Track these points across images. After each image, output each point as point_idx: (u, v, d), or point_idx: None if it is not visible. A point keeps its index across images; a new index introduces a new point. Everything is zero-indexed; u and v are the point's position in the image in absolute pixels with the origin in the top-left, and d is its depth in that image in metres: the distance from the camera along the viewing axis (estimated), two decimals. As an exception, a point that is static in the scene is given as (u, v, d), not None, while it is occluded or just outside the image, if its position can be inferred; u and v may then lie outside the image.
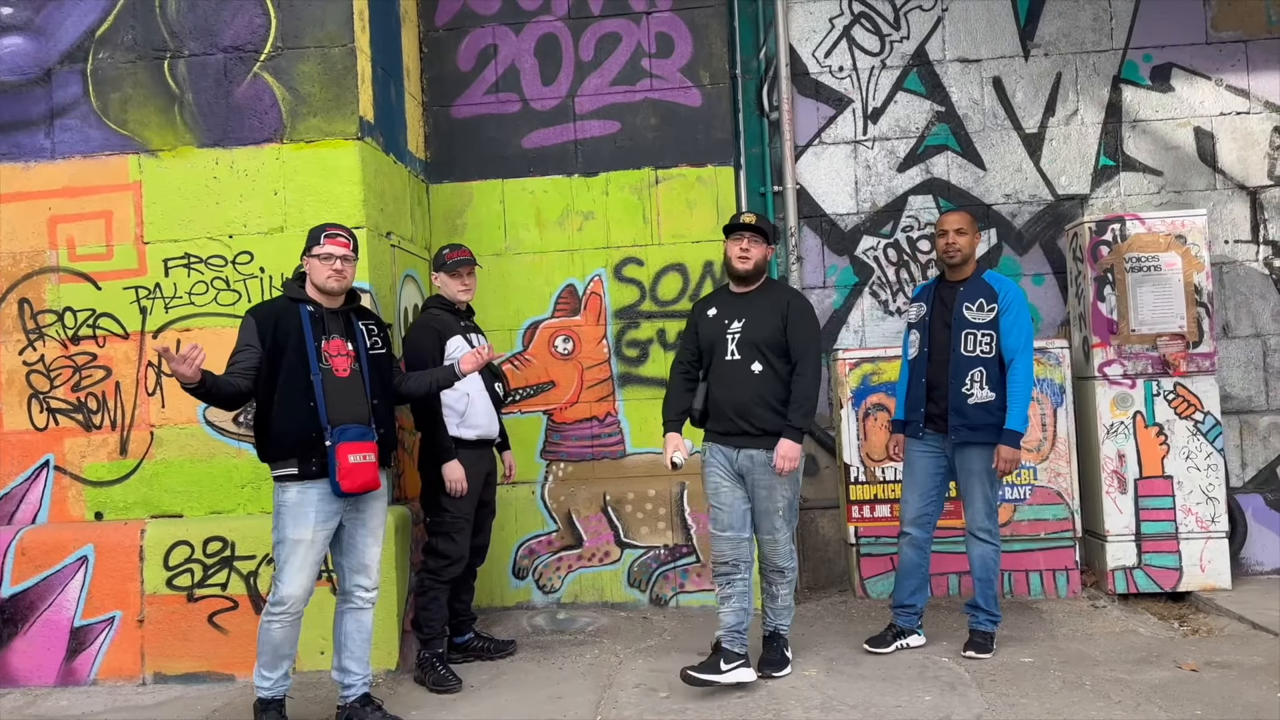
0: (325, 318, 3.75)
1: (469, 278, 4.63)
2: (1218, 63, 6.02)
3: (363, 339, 3.84)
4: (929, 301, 4.53)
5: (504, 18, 5.87)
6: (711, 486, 4.25)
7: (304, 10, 4.77)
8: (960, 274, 4.48)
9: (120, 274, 4.84)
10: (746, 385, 4.11)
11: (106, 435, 4.83)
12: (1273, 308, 5.96)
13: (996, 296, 4.36)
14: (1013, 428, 4.29)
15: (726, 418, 4.15)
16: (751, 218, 4.22)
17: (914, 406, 4.53)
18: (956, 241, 4.43)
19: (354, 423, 3.67)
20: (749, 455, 4.14)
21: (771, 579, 4.30)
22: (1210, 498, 5.35)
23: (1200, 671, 4.17)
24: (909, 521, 4.55)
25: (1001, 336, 4.32)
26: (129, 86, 4.86)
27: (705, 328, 4.26)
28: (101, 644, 4.65)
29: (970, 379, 4.34)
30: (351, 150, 4.72)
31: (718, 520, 4.23)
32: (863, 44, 6.15)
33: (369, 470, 3.67)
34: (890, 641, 4.55)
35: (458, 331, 4.53)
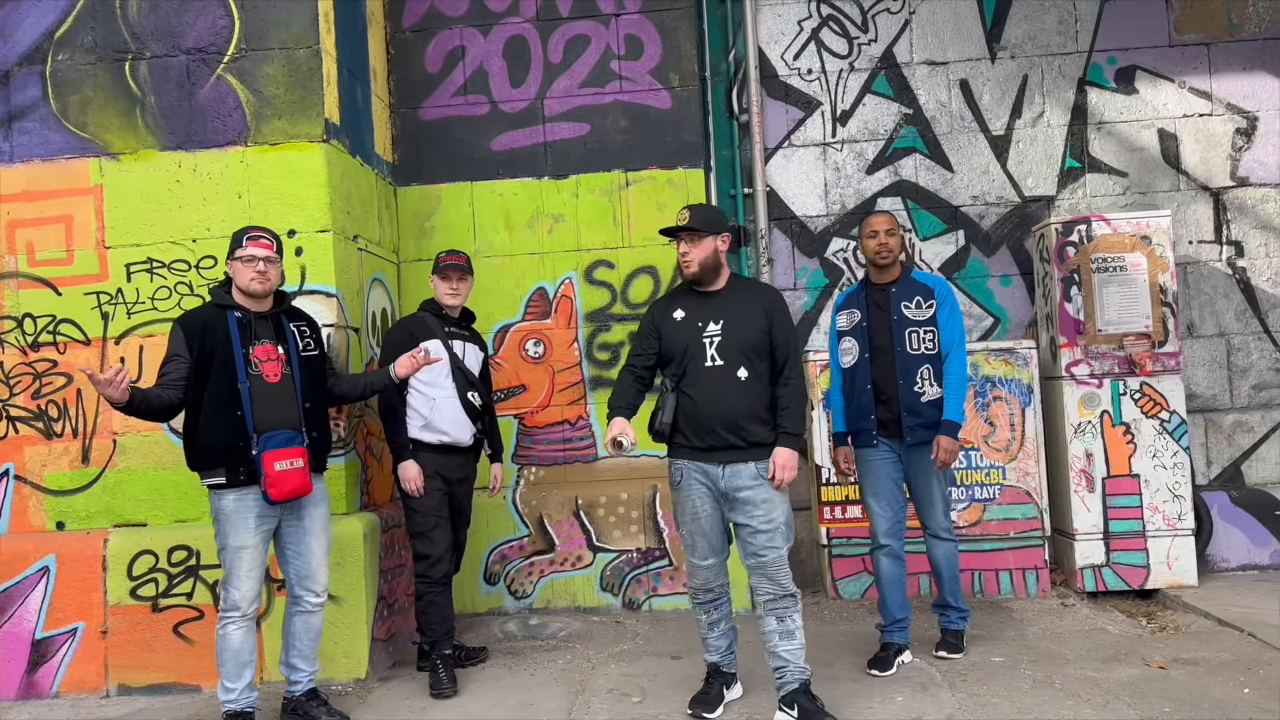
0: (253, 323, 3.74)
1: (459, 282, 4.58)
2: (1180, 65, 6.09)
3: (294, 341, 3.82)
4: (860, 307, 4.39)
5: (472, 19, 5.84)
6: (689, 511, 3.77)
7: (268, 11, 4.71)
8: (890, 275, 4.40)
9: (81, 279, 4.76)
10: (734, 394, 3.66)
11: (68, 443, 4.75)
12: (1235, 307, 6.04)
13: (932, 293, 4.33)
14: (952, 419, 4.26)
15: (710, 431, 3.67)
16: (685, 216, 3.75)
17: (861, 415, 4.35)
18: (888, 242, 4.35)
19: (283, 428, 3.68)
20: (735, 471, 3.68)
21: (783, 610, 3.70)
22: (1177, 496, 5.41)
23: (1168, 669, 4.20)
24: (884, 534, 4.37)
25: (940, 331, 4.29)
26: (89, 89, 4.78)
27: (673, 332, 3.79)
28: (64, 656, 4.57)
29: (920, 377, 4.26)
30: (317, 153, 4.66)
31: (697, 548, 3.80)
32: (831, 46, 6.17)
33: (297, 476, 3.66)
34: (892, 661, 4.32)
35: (437, 335, 4.48)
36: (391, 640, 4.83)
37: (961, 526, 5.45)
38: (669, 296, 3.98)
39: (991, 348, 5.53)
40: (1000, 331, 6.06)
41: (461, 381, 4.51)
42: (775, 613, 3.70)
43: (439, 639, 4.40)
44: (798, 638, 3.70)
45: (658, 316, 3.89)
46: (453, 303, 4.59)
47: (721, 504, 3.75)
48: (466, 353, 4.59)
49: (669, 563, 5.51)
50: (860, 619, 5.17)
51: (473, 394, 4.55)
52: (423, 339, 4.43)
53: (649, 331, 3.89)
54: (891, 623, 4.42)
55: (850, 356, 4.40)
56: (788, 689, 3.69)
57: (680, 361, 3.75)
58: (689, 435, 3.73)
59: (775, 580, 3.68)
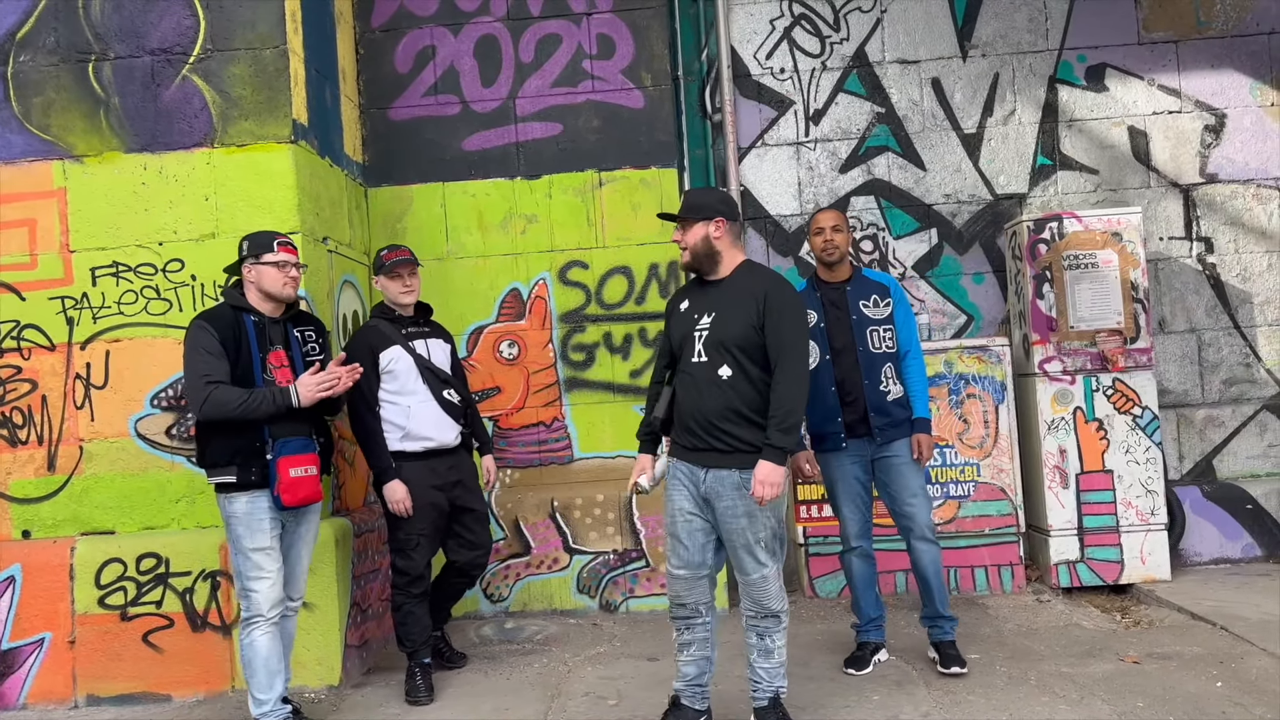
0: (268, 328, 3.72)
1: (410, 278, 4.42)
2: (1150, 63, 6.13)
3: (298, 347, 3.80)
4: (815, 307, 4.26)
5: (442, 18, 5.79)
6: (670, 509, 3.55)
7: (234, 11, 4.65)
8: (839, 273, 4.32)
9: (45, 284, 4.68)
10: (712, 393, 3.40)
11: (33, 451, 4.67)
12: (1206, 303, 6.08)
13: (888, 291, 4.28)
14: (924, 415, 4.24)
15: (691, 430, 3.47)
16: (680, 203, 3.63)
17: (828, 418, 4.21)
18: (834, 239, 4.26)
19: (296, 435, 3.66)
20: (718, 477, 3.42)
21: (764, 628, 3.50)
22: (1149, 491, 5.44)
23: (1142, 664, 4.22)
24: (855, 536, 4.30)
25: (898, 329, 4.25)
26: (52, 90, 4.70)
27: (676, 324, 3.59)
28: (31, 667, 4.49)
29: (884, 376, 4.19)
30: (285, 154, 4.61)
31: (676, 554, 3.54)
32: (803, 45, 6.17)
33: (310, 484, 3.66)
34: (869, 660, 4.30)
35: (396, 341, 4.33)
36: (365, 646, 4.78)
37: (937, 524, 5.44)
38: (685, 287, 3.74)
39: (965, 345, 5.55)
40: (973, 329, 6.08)
41: (434, 382, 4.38)
42: (756, 629, 3.52)
43: (418, 648, 4.33)
44: (776, 657, 3.51)
45: (670, 308, 3.73)
46: (408, 300, 4.43)
47: (705, 509, 3.48)
48: (432, 350, 4.45)
49: (646, 564, 5.48)
50: (837, 618, 5.17)
51: (449, 392, 4.42)
52: (381, 348, 4.30)
53: (666, 326, 3.72)
54: (867, 622, 4.39)
55: (810, 359, 4.12)
56: (758, 704, 3.56)
57: (679, 354, 3.57)
58: (677, 432, 3.57)
59: (758, 599, 3.47)
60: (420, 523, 4.30)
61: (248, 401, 3.56)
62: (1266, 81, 6.10)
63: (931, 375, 5.39)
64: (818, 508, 5.56)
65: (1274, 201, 6.09)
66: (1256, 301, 6.08)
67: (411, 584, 4.31)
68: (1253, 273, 6.09)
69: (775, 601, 3.46)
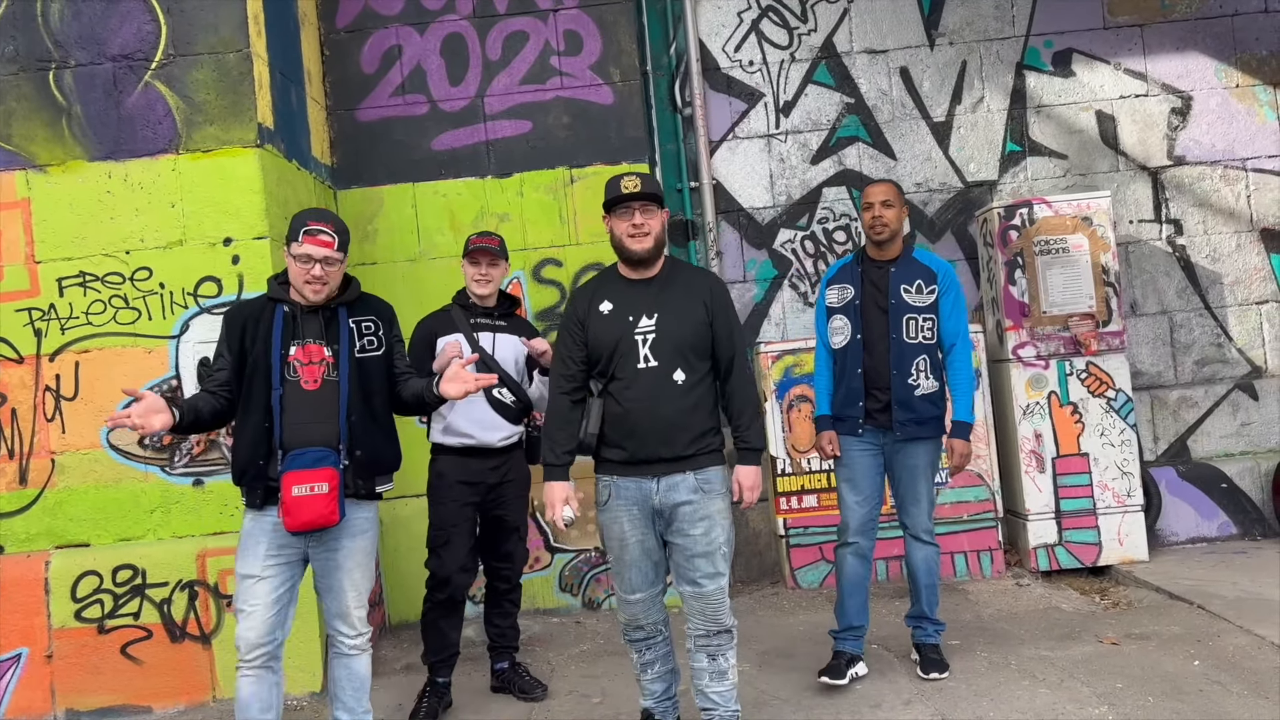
0: (300, 318, 3.22)
1: (489, 267, 4.11)
2: (1115, 47, 6.16)
3: (349, 339, 3.25)
4: (855, 283, 4.01)
5: (407, 18, 5.76)
6: (616, 536, 3.25)
7: (195, 15, 4.61)
8: (889, 252, 4.02)
9: (12, 295, 4.61)
10: (670, 400, 3.17)
11: (4, 465, 4.61)
12: (1177, 285, 6.13)
13: (935, 277, 3.96)
14: (964, 419, 3.95)
15: (642, 442, 3.18)
16: (635, 183, 3.24)
17: (850, 401, 3.98)
18: (884, 215, 3.95)
19: (315, 445, 3.13)
20: (671, 484, 3.19)
21: (717, 647, 3.25)
22: (1125, 473, 5.48)
23: (1121, 644, 4.26)
24: (855, 530, 4.01)
25: (942, 321, 3.93)
26: (12, 100, 4.64)
27: (601, 327, 3.26)
28: (8, 683, 4.44)
29: (915, 368, 3.89)
30: (251, 158, 4.57)
31: (627, 581, 3.28)
32: (771, 37, 6.16)
33: (318, 504, 3.08)
34: (845, 671, 3.99)
35: (461, 329, 4.07)
36: (347, 651, 4.76)
37: (916, 512, 5.48)
38: (592, 285, 3.41)
39: (940, 333, 5.56)
40: (948, 316, 6.09)
41: None
42: (707, 650, 3.25)
43: (436, 664, 4.08)
44: (730, 678, 3.28)
45: (581, 310, 3.33)
46: (482, 290, 4.11)
47: (655, 524, 3.24)
48: (497, 345, 4.12)
49: (627, 560, 5.47)
50: (819, 607, 5.18)
51: (501, 390, 4.04)
52: (442, 335, 4.06)
53: (573, 330, 3.33)
54: (846, 629, 4.09)
55: (842, 336, 4.01)
56: None
57: (609, 362, 3.23)
58: (619, 447, 3.22)
59: (712, 616, 3.22)
60: (449, 517, 4.03)
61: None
62: (1231, 63, 6.15)
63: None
64: (798, 499, 5.57)
65: (1241, 182, 6.14)
66: (1226, 282, 6.13)
67: (437, 588, 4.03)
68: (1222, 253, 6.14)
69: (729, 615, 3.25)
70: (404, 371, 3.42)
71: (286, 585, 3.20)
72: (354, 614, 3.28)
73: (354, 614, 3.28)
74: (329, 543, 3.22)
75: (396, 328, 3.44)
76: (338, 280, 3.25)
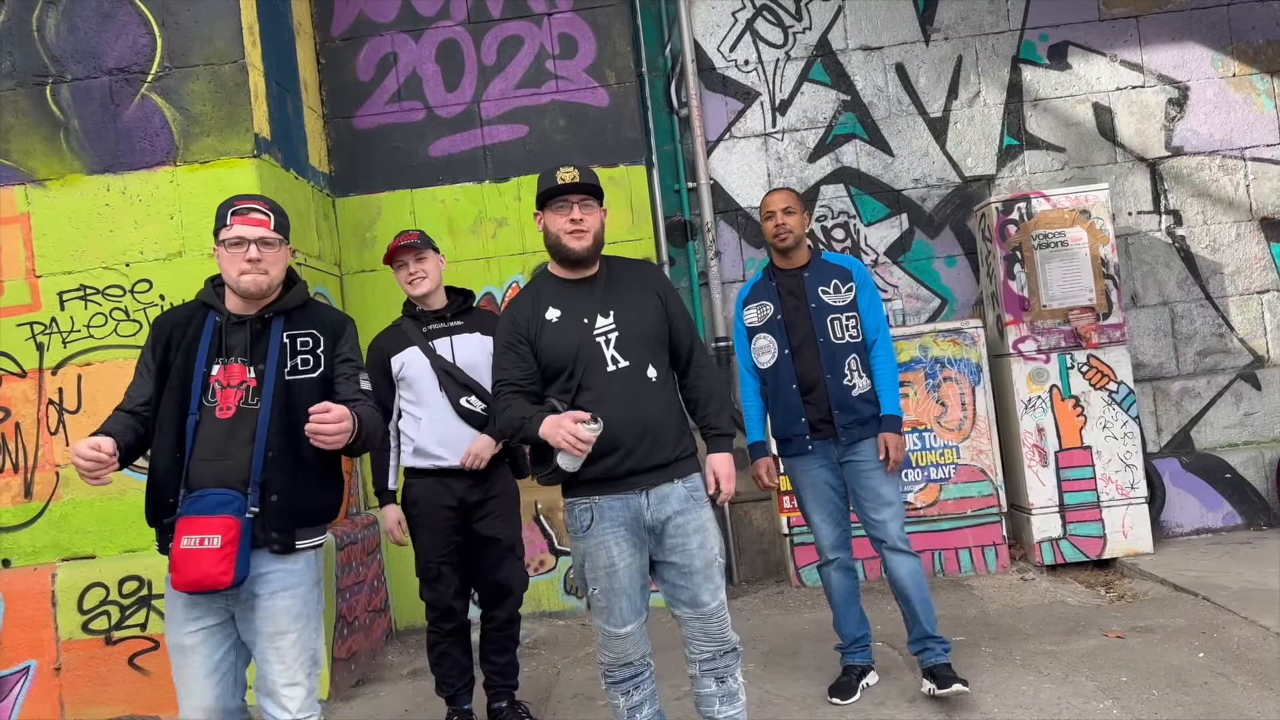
0: (228, 331, 2.67)
1: (416, 264, 3.78)
2: (1111, 39, 6.15)
3: (280, 357, 2.68)
4: (771, 298, 3.88)
5: (402, 25, 5.77)
6: (604, 564, 2.87)
7: (190, 28, 4.63)
8: (796, 259, 3.89)
9: (13, 310, 4.64)
10: (648, 399, 2.88)
11: (9, 478, 4.64)
12: (1177, 275, 6.12)
13: (850, 275, 3.85)
14: (893, 412, 3.78)
15: (628, 451, 2.84)
16: (573, 174, 2.89)
17: (791, 418, 3.82)
18: (786, 222, 3.84)
19: (221, 486, 2.56)
20: (661, 495, 2.88)
21: (724, 669, 2.97)
22: (1128, 465, 5.47)
23: (1125, 637, 4.26)
24: (830, 548, 3.87)
25: (862, 316, 3.82)
26: (10, 115, 4.66)
27: (553, 338, 2.89)
28: (17, 696, 4.47)
29: (848, 368, 3.76)
30: (248, 168, 4.59)
31: (617, 614, 2.90)
32: (766, 36, 6.17)
33: (206, 561, 2.48)
34: (856, 686, 3.88)
35: (414, 342, 3.77)
36: (352, 659, 4.78)
37: (919, 507, 5.49)
38: (529, 294, 3.01)
39: (939, 329, 5.57)
40: (947, 312, 6.10)
41: (451, 387, 3.74)
42: (714, 673, 2.97)
43: (458, 691, 3.84)
44: (741, 697, 3.01)
45: (522, 323, 2.94)
46: (420, 290, 3.79)
47: (645, 545, 2.92)
48: (458, 349, 3.80)
49: (631, 562, 5.48)
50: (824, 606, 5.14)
51: (468, 399, 3.74)
52: (394, 353, 3.78)
53: (518, 346, 2.92)
54: (851, 643, 3.97)
55: (769, 355, 3.85)
56: None
57: (571, 373, 2.88)
58: (598, 465, 2.82)
59: (717, 635, 2.94)
60: (435, 549, 3.74)
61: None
62: (1227, 52, 6.14)
63: (907, 360, 5.44)
64: (801, 497, 5.56)
65: (1240, 172, 6.13)
66: (1227, 272, 6.12)
67: (440, 619, 3.77)
68: (1222, 243, 6.13)
69: (732, 632, 2.98)
70: (351, 399, 2.72)
71: (223, 649, 2.66)
72: (282, 692, 2.64)
73: (282, 692, 2.64)
74: (244, 602, 2.64)
75: (348, 345, 2.82)
76: (278, 272, 2.70)
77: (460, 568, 3.80)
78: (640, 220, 5.71)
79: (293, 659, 2.66)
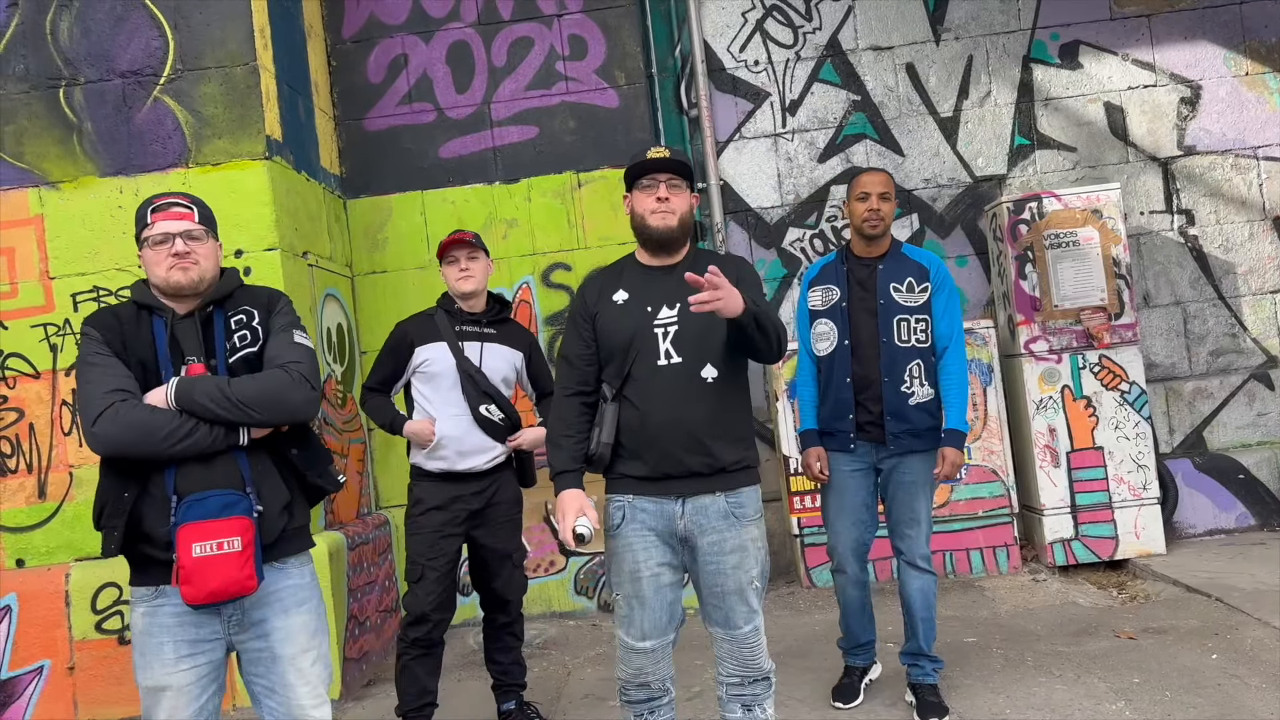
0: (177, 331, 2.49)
1: (468, 261, 3.70)
2: (1123, 38, 6.13)
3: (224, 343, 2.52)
4: (839, 283, 3.67)
5: (412, 26, 5.79)
6: (628, 567, 2.73)
7: (202, 30, 4.65)
8: (878, 248, 3.67)
9: (27, 312, 4.67)
10: (697, 401, 2.70)
11: (23, 479, 4.66)
12: (1189, 275, 6.09)
13: (928, 274, 3.62)
14: (958, 427, 3.58)
15: (664, 452, 2.69)
16: (665, 151, 2.79)
17: (839, 413, 3.63)
18: (881, 209, 3.59)
19: (217, 488, 2.37)
20: (699, 507, 2.71)
21: (753, 697, 2.80)
22: (1141, 465, 5.45)
23: (1138, 639, 4.24)
24: (845, 555, 3.72)
25: (935, 321, 3.59)
26: (24, 118, 4.69)
27: (613, 320, 2.78)
28: (31, 695, 4.50)
29: (909, 374, 3.56)
30: (260, 170, 4.60)
31: (637, 625, 2.73)
32: (776, 37, 6.16)
33: (228, 567, 2.32)
34: (858, 688, 3.84)
35: (444, 337, 3.68)
36: (363, 659, 4.79)
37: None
38: (605, 273, 2.92)
39: (950, 329, 5.55)
40: (959, 312, 6.08)
41: (473, 393, 3.66)
42: (741, 700, 2.80)
43: (406, 712, 3.66)
44: None
45: (591, 300, 2.84)
46: (467, 288, 3.70)
47: (679, 554, 2.77)
48: (487, 356, 3.72)
49: (642, 562, 5.48)
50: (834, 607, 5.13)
51: (488, 407, 3.67)
52: (421, 343, 3.69)
53: (581, 323, 2.84)
54: (855, 646, 3.91)
55: (827, 342, 3.66)
56: None
57: (624, 360, 2.74)
58: (636, 460, 2.73)
59: (747, 661, 2.77)
60: (424, 550, 3.64)
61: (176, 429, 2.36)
62: (1240, 51, 6.11)
63: (918, 361, 5.41)
64: (811, 498, 5.57)
65: (1253, 171, 6.10)
66: (1240, 271, 6.09)
67: (411, 625, 3.63)
68: (1235, 243, 6.10)
69: (767, 659, 2.81)
70: (274, 357, 2.52)
71: (209, 692, 2.46)
72: (312, 715, 2.51)
73: (312, 715, 2.51)
74: (259, 621, 2.47)
75: (284, 316, 2.61)
76: (210, 265, 2.53)
77: (446, 579, 3.66)
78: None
79: (316, 676, 2.54)
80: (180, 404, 2.37)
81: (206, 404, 2.38)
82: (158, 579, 2.39)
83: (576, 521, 2.64)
